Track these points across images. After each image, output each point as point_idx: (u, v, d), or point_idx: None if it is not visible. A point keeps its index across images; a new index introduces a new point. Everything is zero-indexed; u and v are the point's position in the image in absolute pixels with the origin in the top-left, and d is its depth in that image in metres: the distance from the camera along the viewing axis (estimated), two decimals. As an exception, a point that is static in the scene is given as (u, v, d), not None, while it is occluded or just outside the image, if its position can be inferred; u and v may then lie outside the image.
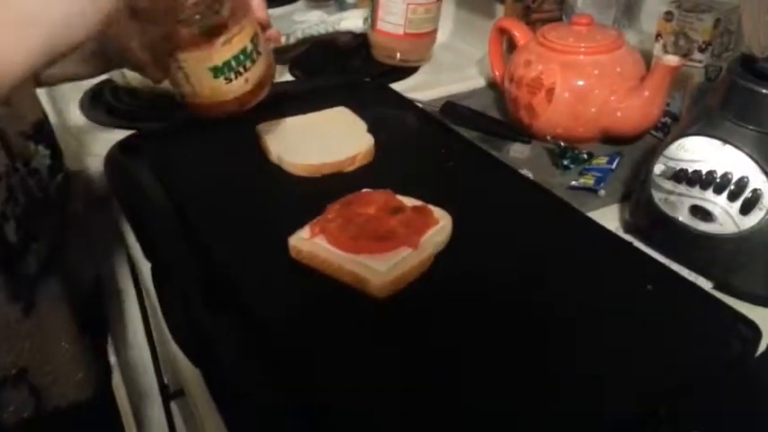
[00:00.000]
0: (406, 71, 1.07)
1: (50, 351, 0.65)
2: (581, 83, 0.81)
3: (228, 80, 0.63)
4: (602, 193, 0.77)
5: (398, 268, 0.55)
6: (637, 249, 0.61)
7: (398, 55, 1.06)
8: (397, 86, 0.98)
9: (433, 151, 0.75)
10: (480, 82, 1.05)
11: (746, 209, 0.61)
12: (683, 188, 0.65)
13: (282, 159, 0.71)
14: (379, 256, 0.56)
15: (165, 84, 0.66)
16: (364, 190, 0.64)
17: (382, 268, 0.54)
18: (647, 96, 0.80)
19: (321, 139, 0.73)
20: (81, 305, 0.70)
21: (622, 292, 0.54)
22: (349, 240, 0.57)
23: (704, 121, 0.66)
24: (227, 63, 0.62)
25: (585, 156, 0.82)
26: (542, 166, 0.83)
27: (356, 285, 0.55)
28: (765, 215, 0.60)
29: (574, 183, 0.78)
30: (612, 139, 0.86)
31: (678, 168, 0.66)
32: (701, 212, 0.64)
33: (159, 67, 0.63)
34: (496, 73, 0.96)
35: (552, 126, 0.84)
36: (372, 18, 1.04)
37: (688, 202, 0.65)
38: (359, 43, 1.11)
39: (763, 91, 0.61)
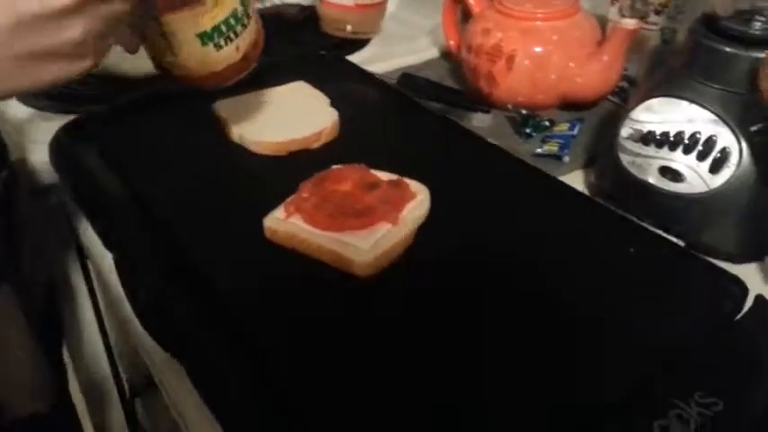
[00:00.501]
0: (356, 44, 1.05)
1: (6, 361, 0.61)
2: (541, 49, 0.81)
3: (218, 47, 0.56)
4: (566, 159, 0.77)
5: (381, 245, 0.53)
6: (615, 212, 0.61)
7: (349, 27, 1.03)
8: (350, 59, 0.95)
9: (399, 124, 0.73)
10: (433, 53, 1.03)
11: (715, 168, 0.62)
12: (651, 150, 0.66)
13: (245, 138, 0.68)
14: (359, 233, 0.54)
15: (111, 63, 0.60)
16: (336, 166, 0.61)
17: (365, 246, 0.53)
18: (605, 61, 0.80)
19: (284, 116, 0.70)
20: (35, 312, 0.66)
21: (606, 257, 0.54)
22: (326, 219, 0.54)
23: (669, 83, 0.66)
24: (216, 28, 0.55)
25: (547, 123, 0.82)
26: (505, 134, 0.82)
27: (338, 265, 0.53)
28: (734, 173, 0.61)
29: (539, 150, 0.78)
30: (571, 105, 0.86)
31: (646, 131, 0.66)
32: (670, 173, 0.64)
33: (136, 33, 0.55)
34: (451, 43, 0.95)
35: (513, 94, 0.83)
36: (321, -10, 1.01)
37: (657, 164, 0.65)
38: (306, 16, 1.08)
39: (727, 50, 0.62)
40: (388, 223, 0.55)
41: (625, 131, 0.69)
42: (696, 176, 0.63)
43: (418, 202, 0.58)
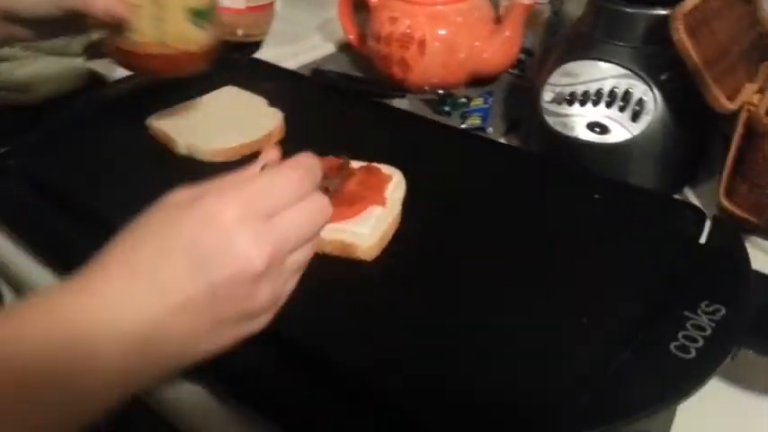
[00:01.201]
0: (248, 47, 1.04)
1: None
2: (448, 32, 0.86)
3: (199, 26, 0.61)
4: (490, 130, 0.83)
5: (379, 227, 0.55)
6: (572, 166, 0.67)
7: (240, 31, 1.02)
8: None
9: (339, 115, 0.75)
10: (328, 48, 1.05)
11: (636, 116, 0.70)
12: (575, 109, 0.73)
13: (194, 148, 0.66)
14: (353, 220, 0.55)
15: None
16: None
17: (366, 230, 0.54)
18: (507, 36, 0.87)
19: (227, 121, 0.70)
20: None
21: (574, 204, 0.60)
22: None
23: (581, 46, 0.74)
24: (200, 9, 0.60)
25: (464, 100, 0.87)
26: (423, 115, 0.86)
27: (341, 253, 0.54)
28: (652, 118, 0.70)
29: (464, 126, 0.83)
30: (477, 81, 0.92)
31: (567, 93, 0.73)
32: (597, 127, 0.72)
33: None
34: (351, 36, 0.98)
35: (427, 77, 0.88)
36: (207, -4, 0.99)
37: (583, 121, 0.72)
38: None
39: (627, 10, 0.70)
40: (379, 206, 0.57)
41: (548, 96, 0.75)
42: (619, 126, 0.71)
43: (396, 183, 0.60)
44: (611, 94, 0.71)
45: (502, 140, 0.82)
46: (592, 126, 0.72)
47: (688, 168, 0.74)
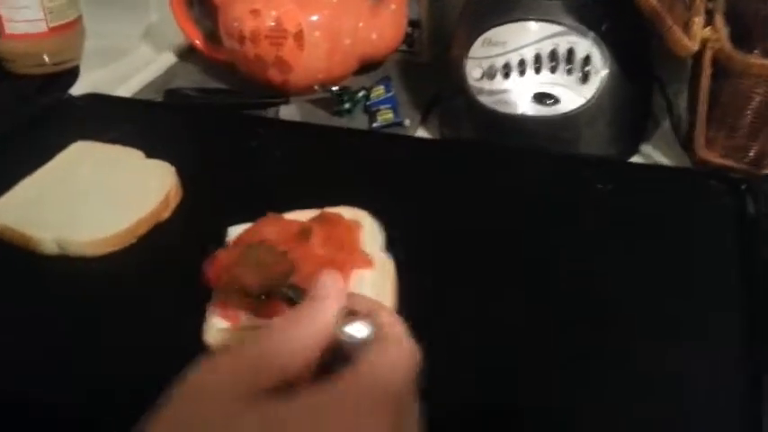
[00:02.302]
0: (64, 77, 0.81)
1: None
2: (326, 16, 0.71)
3: None
4: (407, 122, 0.70)
5: (384, 290, 0.41)
6: (565, 155, 0.56)
7: (46, 58, 0.80)
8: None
9: (233, 148, 0.58)
10: (165, 60, 0.85)
11: (586, 77, 0.61)
12: (513, 82, 0.62)
13: (68, 242, 0.47)
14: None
15: None
16: (234, 232, 0.46)
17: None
18: (393, 9, 0.74)
19: (101, 194, 0.50)
20: None
21: (584, 199, 0.50)
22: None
23: (501, 8, 0.63)
24: None
25: (363, 92, 0.73)
26: (322, 120, 0.72)
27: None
28: (603, 76, 0.61)
29: (377, 124, 0.70)
30: (365, 68, 0.78)
31: (500, 64, 0.62)
32: (544, 98, 0.62)
33: None
34: (196, 42, 0.79)
35: (311, 74, 0.73)
36: (-9, 23, 0.76)
37: (527, 94, 0.62)
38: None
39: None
40: (365, 268, 0.42)
41: (475, 72, 0.64)
42: (569, 92, 0.61)
43: (369, 229, 0.46)
44: (553, 56, 0.61)
45: (423, 134, 0.70)
46: (538, 98, 0.62)
47: (641, 126, 0.67)
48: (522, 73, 0.62)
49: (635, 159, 0.65)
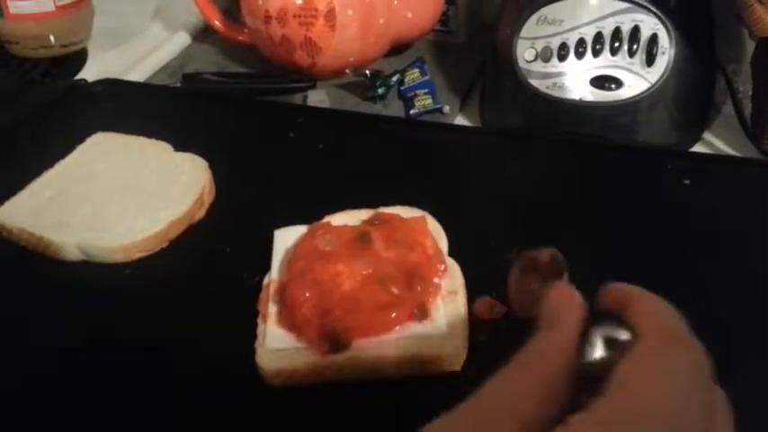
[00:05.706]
0: (71, 61, 0.75)
1: None
2: (359, -8, 0.65)
3: None
4: (446, 108, 0.65)
5: (456, 298, 0.36)
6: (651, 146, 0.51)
7: (53, 39, 0.74)
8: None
9: (278, 140, 0.53)
10: (180, 41, 0.79)
11: (651, 59, 0.56)
12: (571, 65, 0.57)
13: (94, 248, 0.41)
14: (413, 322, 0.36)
15: None
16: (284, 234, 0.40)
17: (440, 326, 0.35)
18: (430, -15, 0.68)
19: (126, 194, 0.45)
20: None
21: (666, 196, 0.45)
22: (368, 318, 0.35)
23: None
24: None
25: (397, 77, 0.68)
26: (354, 106, 0.66)
27: (417, 370, 0.35)
28: (670, 58, 0.56)
29: (415, 111, 0.64)
30: (397, 49, 0.72)
31: (557, 45, 0.57)
32: (605, 81, 0.56)
33: None
34: (216, 22, 0.73)
35: (342, 56, 0.67)
36: (-7, 3, 0.70)
37: (585, 77, 0.57)
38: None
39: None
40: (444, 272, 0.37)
41: (527, 54, 0.58)
42: (632, 75, 0.56)
43: (434, 231, 0.41)
44: (616, 35, 0.56)
45: (462, 121, 0.65)
46: (598, 81, 0.56)
47: (704, 112, 0.62)
48: (580, 55, 0.56)
49: (697, 148, 0.60)
